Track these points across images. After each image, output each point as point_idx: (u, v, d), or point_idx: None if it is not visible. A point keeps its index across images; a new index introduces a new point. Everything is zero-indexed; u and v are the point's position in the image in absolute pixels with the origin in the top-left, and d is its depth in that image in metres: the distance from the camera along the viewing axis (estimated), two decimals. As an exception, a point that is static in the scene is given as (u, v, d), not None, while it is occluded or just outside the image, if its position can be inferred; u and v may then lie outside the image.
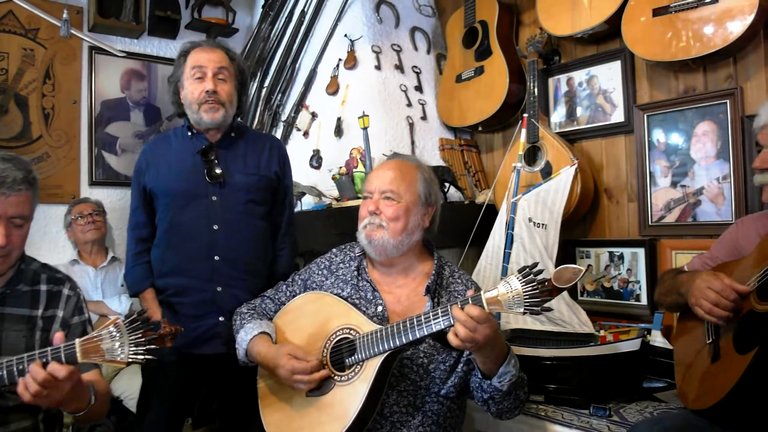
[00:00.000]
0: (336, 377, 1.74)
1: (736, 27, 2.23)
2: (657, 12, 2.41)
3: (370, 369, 1.66)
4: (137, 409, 2.36)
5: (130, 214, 2.36)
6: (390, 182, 1.86)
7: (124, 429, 2.87)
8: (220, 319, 2.17)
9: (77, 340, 1.49)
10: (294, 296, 2.02)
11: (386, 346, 1.65)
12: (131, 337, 1.48)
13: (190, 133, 2.30)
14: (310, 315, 1.90)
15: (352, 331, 1.76)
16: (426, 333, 1.59)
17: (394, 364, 1.71)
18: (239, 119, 2.45)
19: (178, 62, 2.30)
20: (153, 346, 1.51)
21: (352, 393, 1.68)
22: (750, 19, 2.20)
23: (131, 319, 1.50)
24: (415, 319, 1.62)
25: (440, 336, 1.67)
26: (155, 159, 2.30)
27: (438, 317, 1.57)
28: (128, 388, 2.89)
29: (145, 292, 2.24)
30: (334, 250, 2.08)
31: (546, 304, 1.44)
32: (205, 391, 2.42)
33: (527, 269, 1.44)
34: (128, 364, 1.50)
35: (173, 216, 2.22)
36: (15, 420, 1.61)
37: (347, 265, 1.98)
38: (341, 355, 1.75)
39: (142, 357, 1.49)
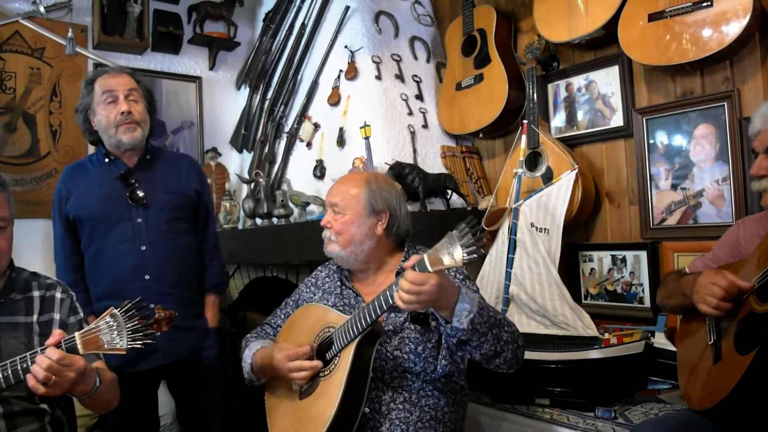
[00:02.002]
0: (321, 374, 1.81)
1: (731, 30, 2.25)
2: (652, 17, 2.43)
3: (346, 357, 1.72)
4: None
5: (56, 243, 2.40)
6: (334, 195, 1.96)
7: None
8: (157, 334, 2.22)
9: (77, 333, 1.55)
10: (288, 317, 2.10)
11: (355, 331, 1.71)
12: (128, 326, 1.55)
13: (107, 160, 2.35)
14: (299, 326, 1.98)
15: (330, 329, 1.84)
16: (385, 307, 1.65)
17: (374, 350, 1.74)
18: (152, 142, 2.52)
19: (86, 91, 2.34)
20: (151, 332, 1.59)
21: (334, 383, 1.73)
22: (745, 22, 2.22)
23: (126, 308, 1.56)
24: (375, 300, 1.68)
25: (417, 318, 1.79)
26: (75, 187, 2.35)
27: (393, 290, 1.62)
28: None
29: (89, 318, 2.25)
30: (319, 267, 2.16)
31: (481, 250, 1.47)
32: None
33: (463, 225, 1.48)
34: (127, 350, 1.56)
35: (99, 241, 2.29)
36: (22, 424, 1.64)
37: (331, 278, 2.06)
38: (323, 352, 1.83)
39: (140, 343, 1.56)
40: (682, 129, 2.55)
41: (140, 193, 2.28)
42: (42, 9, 3.38)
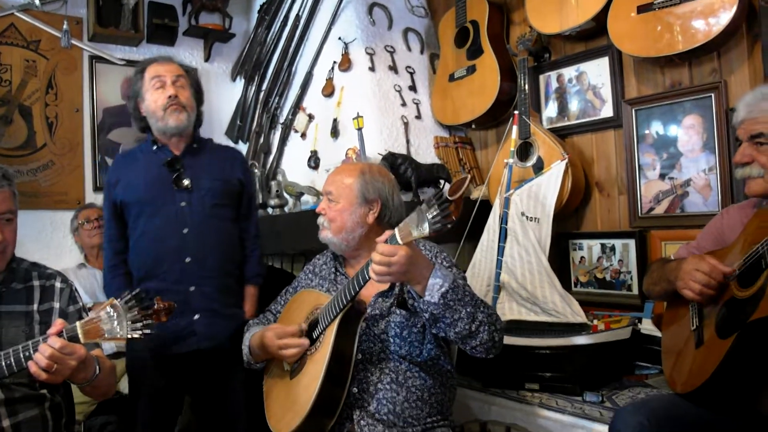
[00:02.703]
0: (308, 352, 1.86)
1: (718, 22, 2.29)
2: (641, 9, 2.47)
3: (330, 334, 1.77)
4: (129, 410, 2.46)
5: (104, 224, 2.49)
6: (330, 184, 2.02)
7: (131, 427, 2.93)
8: (195, 317, 2.28)
9: (78, 323, 1.60)
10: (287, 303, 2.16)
11: (337, 309, 1.77)
12: (128, 316, 1.60)
13: (155, 147, 2.41)
14: (294, 310, 2.05)
15: (317, 309, 1.90)
16: (362, 282, 1.71)
17: (358, 327, 1.80)
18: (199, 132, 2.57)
19: (136, 78, 2.43)
20: (150, 322, 1.64)
21: (318, 360, 1.79)
22: (731, 14, 2.26)
23: (126, 299, 1.61)
24: (354, 277, 1.74)
25: (403, 303, 1.84)
26: (124, 172, 2.42)
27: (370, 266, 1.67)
28: None
29: None
30: (317, 255, 2.21)
31: (450, 220, 1.49)
32: (190, 389, 2.52)
33: (432, 198, 1.51)
34: (128, 340, 1.62)
35: (144, 224, 2.33)
36: (23, 410, 1.69)
37: (327, 265, 2.12)
38: (311, 331, 1.89)
39: (140, 333, 1.61)
40: (671, 119, 2.59)
41: (185, 181, 2.33)
42: (37, 1, 3.37)
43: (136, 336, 1.61)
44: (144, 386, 2.37)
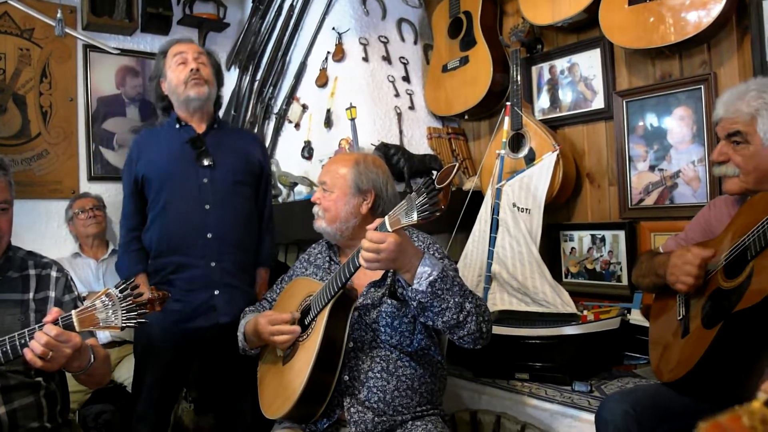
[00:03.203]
0: (299, 338, 1.89)
1: (708, 14, 2.30)
2: (632, 1, 2.48)
3: (321, 321, 1.80)
4: (133, 387, 2.52)
5: (123, 201, 2.50)
6: (325, 174, 2.04)
7: (128, 415, 2.96)
8: (215, 292, 2.32)
9: (74, 311, 1.62)
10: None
11: (328, 296, 1.80)
12: (123, 305, 1.62)
13: (177, 125, 2.44)
14: (288, 297, 2.08)
15: (310, 297, 1.93)
16: (353, 269, 1.73)
17: (349, 315, 1.82)
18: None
19: (159, 59, 2.50)
20: (144, 311, 1.66)
21: (309, 346, 1.82)
22: (720, 6, 2.27)
23: (121, 288, 1.63)
24: (344, 264, 1.77)
25: (394, 293, 1.86)
26: (146, 148, 2.45)
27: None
28: (131, 375, 2.97)
29: (137, 276, 2.35)
30: (313, 244, 2.23)
31: (438, 210, 1.51)
32: (198, 363, 2.56)
33: (421, 186, 1.53)
34: (122, 328, 1.64)
35: (166, 199, 2.35)
36: (18, 398, 1.71)
37: (322, 254, 2.14)
38: (304, 318, 1.92)
39: (134, 321, 1.63)
40: (661, 111, 2.61)
41: (208, 158, 2.37)
42: (31, -10, 3.39)
43: (131, 325, 1.63)
44: (150, 360, 2.41)
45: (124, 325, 1.63)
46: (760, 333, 1.61)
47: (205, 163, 2.36)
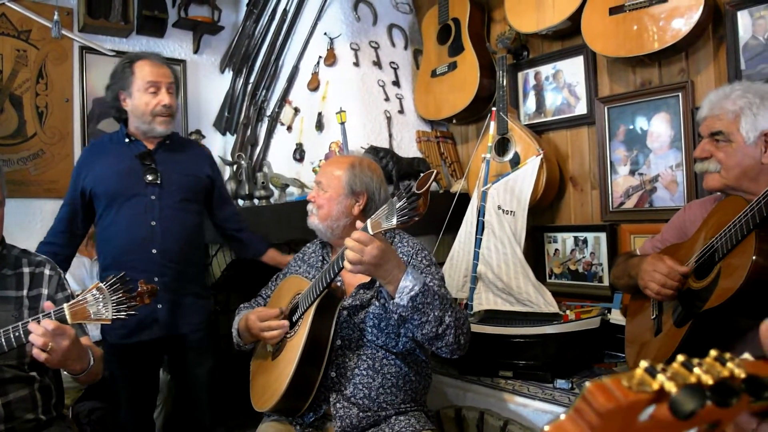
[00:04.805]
0: (287, 335, 1.96)
1: (685, 24, 2.38)
2: (613, 11, 2.56)
3: (307, 318, 1.86)
4: (112, 400, 2.59)
5: (59, 212, 2.57)
6: (321, 175, 2.11)
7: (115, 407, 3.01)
8: (158, 306, 2.37)
9: (65, 305, 1.68)
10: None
11: (315, 294, 1.86)
12: (113, 298, 1.68)
13: (127, 140, 2.46)
14: (280, 294, 2.14)
15: (299, 295, 1.99)
16: (337, 270, 1.79)
17: (335, 313, 1.89)
18: None
19: (122, 69, 2.41)
20: (134, 304, 1.72)
21: (296, 342, 1.88)
22: (696, 16, 2.35)
23: (111, 282, 1.69)
24: (330, 265, 1.83)
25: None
26: (94, 163, 2.46)
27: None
28: None
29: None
30: (308, 243, 2.30)
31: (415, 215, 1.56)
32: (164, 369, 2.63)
33: (402, 191, 1.59)
34: (113, 320, 1.69)
35: (113, 214, 2.40)
36: (13, 390, 1.76)
37: (316, 253, 2.21)
38: (292, 315, 1.98)
39: (124, 314, 1.69)
40: (641, 117, 2.69)
41: (155, 175, 2.39)
42: (28, -8, 3.44)
43: (121, 317, 1.69)
44: (117, 370, 2.47)
45: (114, 317, 1.68)
46: (727, 330, 1.69)
47: (152, 180, 2.39)
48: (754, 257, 1.54)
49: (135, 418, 2.51)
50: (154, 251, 2.38)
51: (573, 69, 2.92)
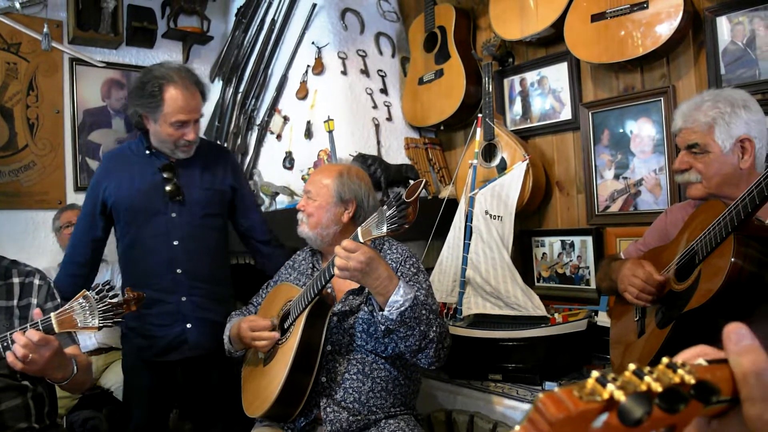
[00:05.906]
0: (279, 342, 1.99)
1: (665, 30, 2.42)
2: (595, 18, 2.60)
3: (298, 325, 1.89)
4: (124, 406, 2.57)
5: (78, 220, 2.51)
6: (310, 184, 2.14)
7: (116, 420, 3.01)
8: (187, 326, 2.35)
9: (52, 314, 1.69)
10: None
11: (305, 301, 1.89)
12: (100, 306, 1.69)
13: (148, 152, 2.40)
14: (271, 302, 2.17)
15: (290, 302, 2.02)
16: (327, 277, 1.82)
17: (326, 320, 1.92)
18: None
19: (153, 96, 2.23)
20: (121, 311, 1.72)
21: (287, 350, 1.91)
22: (676, 22, 2.39)
23: (97, 290, 1.70)
24: (321, 273, 1.86)
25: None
26: (115, 174, 2.39)
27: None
28: (118, 380, 2.99)
29: None
30: (298, 251, 2.32)
31: (406, 222, 1.61)
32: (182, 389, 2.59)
33: (391, 200, 1.63)
34: (99, 328, 1.71)
35: (135, 233, 2.36)
36: (6, 399, 1.78)
37: (306, 260, 2.24)
38: (283, 322, 2.01)
39: (111, 321, 1.70)
40: (624, 122, 2.73)
41: (178, 191, 2.34)
42: (17, 5, 3.44)
43: (108, 325, 1.70)
44: (136, 385, 2.47)
45: (101, 325, 1.69)
46: (708, 331, 1.72)
47: (174, 197, 2.34)
48: (732, 259, 1.57)
49: (149, 424, 2.48)
50: (179, 271, 2.35)
51: (557, 75, 2.96)
